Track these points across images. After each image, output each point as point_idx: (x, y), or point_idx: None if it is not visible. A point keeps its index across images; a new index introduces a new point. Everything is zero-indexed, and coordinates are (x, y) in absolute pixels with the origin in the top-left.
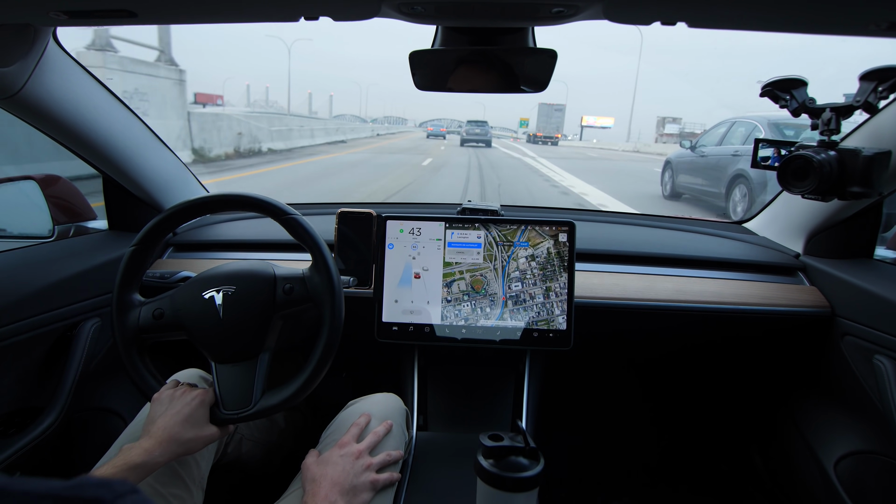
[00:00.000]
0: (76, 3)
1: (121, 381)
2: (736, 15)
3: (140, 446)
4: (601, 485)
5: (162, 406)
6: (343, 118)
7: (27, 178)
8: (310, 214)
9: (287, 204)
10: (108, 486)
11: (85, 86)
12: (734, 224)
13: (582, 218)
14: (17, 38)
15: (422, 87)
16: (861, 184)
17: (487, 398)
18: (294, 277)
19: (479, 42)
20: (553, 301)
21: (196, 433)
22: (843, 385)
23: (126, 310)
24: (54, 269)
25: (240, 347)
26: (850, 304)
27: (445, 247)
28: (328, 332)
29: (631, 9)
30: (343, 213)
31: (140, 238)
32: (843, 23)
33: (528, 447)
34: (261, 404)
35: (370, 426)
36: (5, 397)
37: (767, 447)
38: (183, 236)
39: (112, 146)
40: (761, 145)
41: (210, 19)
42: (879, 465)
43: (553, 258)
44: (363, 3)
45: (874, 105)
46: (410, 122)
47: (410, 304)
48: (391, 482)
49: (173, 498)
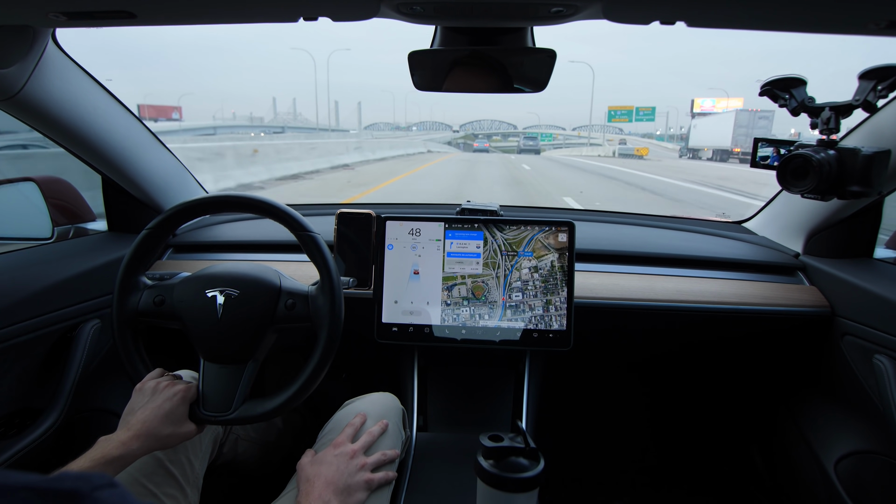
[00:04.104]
0: (75, 5)
1: (121, 382)
2: (735, 14)
3: (117, 439)
4: (601, 485)
5: (143, 398)
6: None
7: (27, 180)
8: (309, 215)
9: (287, 205)
10: (85, 479)
11: (84, 87)
12: (734, 224)
13: (582, 218)
14: (16, 40)
15: (421, 87)
16: (860, 183)
17: (487, 399)
18: (299, 293)
19: (478, 42)
20: (552, 314)
21: (174, 430)
22: (844, 385)
23: (129, 291)
24: (54, 270)
25: (230, 351)
26: (849, 303)
27: (445, 249)
28: (320, 354)
29: (630, 8)
30: (342, 213)
31: (157, 223)
32: (843, 22)
33: (528, 448)
34: (240, 412)
35: (366, 426)
36: (5, 398)
37: (768, 447)
38: (183, 237)
39: (111, 147)
40: (761, 145)
41: (209, 20)
42: (880, 464)
43: (556, 271)
44: (362, 4)
45: (873, 104)
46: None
47: (410, 304)
48: (387, 481)
49: (167, 498)
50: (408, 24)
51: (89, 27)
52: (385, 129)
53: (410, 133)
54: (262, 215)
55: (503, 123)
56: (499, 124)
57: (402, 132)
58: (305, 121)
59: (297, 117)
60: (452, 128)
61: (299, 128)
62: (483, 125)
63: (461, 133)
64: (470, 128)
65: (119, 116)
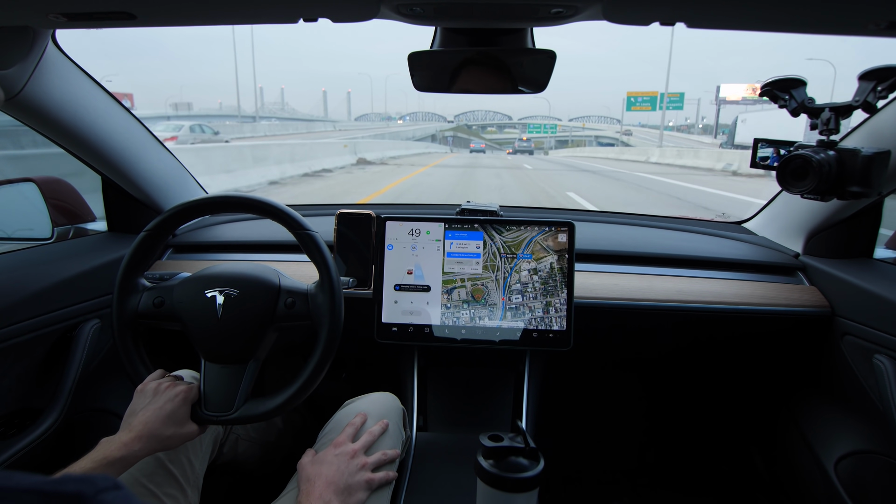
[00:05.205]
0: (75, 6)
1: (121, 382)
2: (735, 15)
3: (119, 440)
4: (601, 485)
5: (145, 399)
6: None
7: (27, 180)
8: (309, 216)
9: (286, 205)
10: (89, 482)
11: (84, 88)
12: (734, 224)
13: (582, 218)
14: (16, 41)
15: (421, 88)
16: (860, 183)
17: (487, 399)
18: (298, 292)
19: (478, 43)
20: (552, 316)
21: (175, 430)
22: (844, 385)
23: (129, 293)
24: (54, 270)
25: (231, 351)
26: (849, 303)
27: (445, 249)
28: (321, 352)
29: (630, 9)
30: (342, 214)
31: (157, 223)
32: (843, 22)
33: (528, 447)
34: (242, 412)
35: (366, 425)
36: (5, 398)
37: (768, 447)
38: (182, 237)
39: (111, 148)
40: (760, 145)
41: (209, 20)
42: (880, 464)
43: (556, 273)
44: (362, 4)
45: (873, 105)
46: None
47: (410, 304)
48: (387, 481)
49: (167, 498)
50: (407, 21)
51: (89, 28)
52: (376, 121)
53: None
54: (262, 215)
55: (497, 114)
56: (493, 115)
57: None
58: (293, 111)
59: (284, 107)
60: (446, 118)
61: (270, 117)
62: (477, 116)
63: (454, 124)
64: (464, 118)
65: (119, 117)
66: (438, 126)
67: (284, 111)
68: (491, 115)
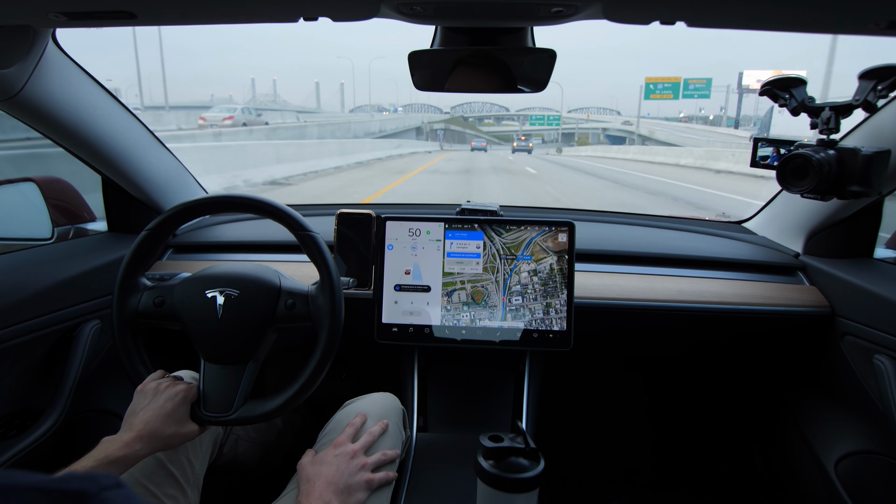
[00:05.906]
0: (75, 5)
1: (121, 382)
2: (735, 14)
3: (120, 440)
4: (601, 485)
5: (145, 399)
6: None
7: (27, 180)
8: (309, 215)
9: (286, 205)
10: (93, 480)
11: (84, 87)
12: (734, 224)
13: (582, 218)
14: (16, 40)
15: (421, 87)
16: (860, 183)
17: (487, 399)
18: (298, 293)
19: (478, 42)
20: (552, 317)
21: (176, 430)
22: (844, 385)
23: (129, 292)
24: (54, 270)
25: (231, 351)
26: (849, 303)
27: (445, 249)
28: (321, 353)
29: (630, 8)
30: (342, 213)
31: (157, 223)
32: (843, 22)
33: (529, 448)
34: (241, 412)
35: (366, 426)
36: (5, 399)
37: (768, 447)
38: (182, 238)
39: (111, 148)
40: (760, 144)
41: (209, 20)
42: (880, 464)
43: (555, 274)
44: (362, 4)
45: (873, 104)
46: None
47: (410, 305)
48: (387, 481)
49: (167, 498)
50: (408, 20)
51: (89, 27)
52: (371, 112)
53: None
54: (262, 215)
55: (495, 106)
56: (490, 107)
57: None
58: (284, 103)
59: (276, 99)
60: (442, 110)
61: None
62: (474, 108)
63: (449, 115)
64: (460, 110)
65: (119, 117)
66: (425, 117)
67: (276, 103)
68: (488, 106)
